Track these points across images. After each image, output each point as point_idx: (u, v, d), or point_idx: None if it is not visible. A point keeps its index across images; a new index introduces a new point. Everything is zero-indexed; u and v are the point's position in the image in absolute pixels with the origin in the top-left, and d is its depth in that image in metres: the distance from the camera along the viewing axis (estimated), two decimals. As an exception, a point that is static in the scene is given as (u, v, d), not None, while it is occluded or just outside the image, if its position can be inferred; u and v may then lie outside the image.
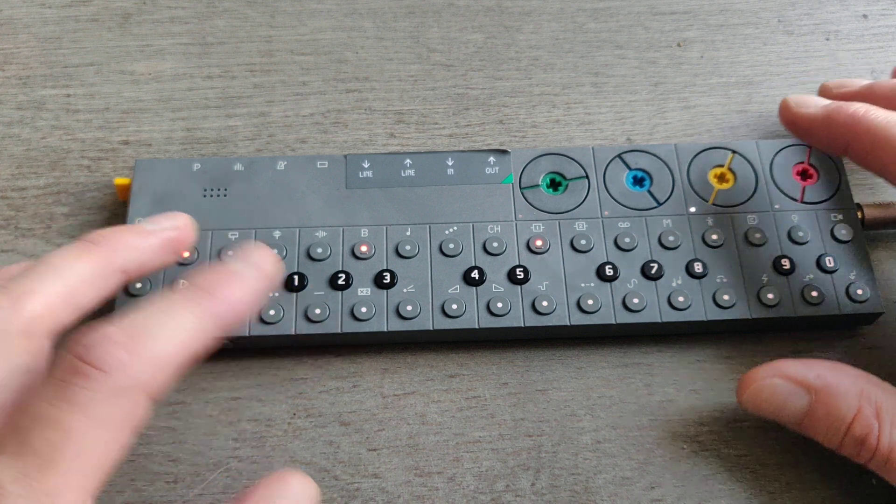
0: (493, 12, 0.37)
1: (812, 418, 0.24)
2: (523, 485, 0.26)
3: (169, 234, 0.24)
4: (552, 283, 0.28)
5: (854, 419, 0.24)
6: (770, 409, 0.25)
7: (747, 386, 0.25)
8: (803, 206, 0.30)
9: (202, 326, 0.20)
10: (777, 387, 0.25)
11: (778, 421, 0.25)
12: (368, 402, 0.28)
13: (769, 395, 0.25)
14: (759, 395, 0.25)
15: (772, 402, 0.25)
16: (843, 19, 0.36)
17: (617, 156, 0.31)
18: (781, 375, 0.25)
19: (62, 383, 0.18)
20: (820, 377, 0.24)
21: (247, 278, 0.22)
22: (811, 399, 0.24)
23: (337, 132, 0.33)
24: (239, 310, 0.21)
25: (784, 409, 0.25)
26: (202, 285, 0.21)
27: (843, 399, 0.24)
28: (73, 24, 0.36)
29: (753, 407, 0.25)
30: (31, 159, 0.32)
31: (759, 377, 0.25)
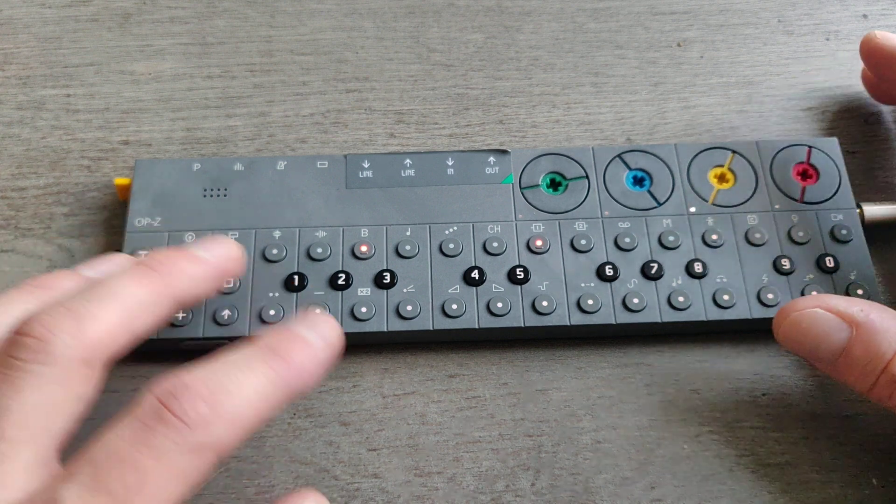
0: (493, 12, 0.37)
1: (849, 355, 0.24)
2: (523, 485, 0.26)
3: (223, 264, 0.24)
4: (552, 283, 0.28)
5: (893, 357, 0.23)
6: (807, 342, 0.24)
7: (786, 315, 0.25)
8: (803, 206, 0.30)
9: (274, 390, 0.21)
10: (818, 317, 0.24)
11: (812, 358, 0.25)
12: (368, 402, 0.28)
13: (809, 324, 0.24)
14: (798, 326, 0.24)
15: (810, 334, 0.24)
16: (843, 19, 0.36)
17: (617, 156, 0.31)
18: (824, 306, 0.24)
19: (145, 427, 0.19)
20: (863, 311, 0.24)
21: (316, 348, 0.22)
22: (851, 333, 0.24)
23: (337, 132, 0.33)
24: (306, 379, 0.21)
25: (823, 342, 0.24)
26: (275, 348, 0.21)
27: (885, 335, 0.23)
28: (73, 24, 0.36)
29: (791, 339, 0.25)
30: (31, 159, 0.32)
31: (801, 306, 0.24)
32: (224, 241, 0.25)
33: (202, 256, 0.24)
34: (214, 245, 0.24)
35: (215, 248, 0.24)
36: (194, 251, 0.24)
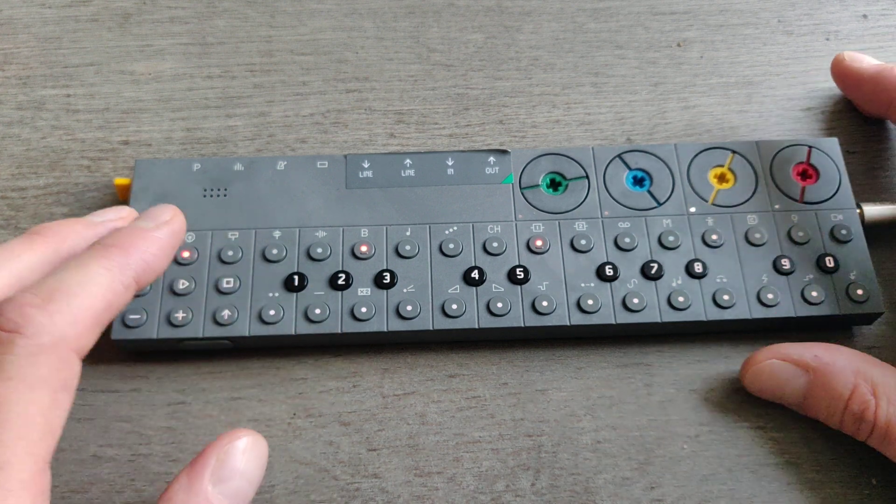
0: (493, 12, 0.37)
1: (812, 397, 0.26)
2: (523, 485, 0.26)
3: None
4: (552, 283, 0.28)
5: (851, 396, 0.25)
6: (771, 390, 0.27)
7: (748, 368, 0.27)
8: (803, 206, 0.30)
9: (116, 280, 0.22)
10: (776, 368, 0.26)
11: (781, 402, 0.27)
12: (368, 402, 0.28)
13: (769, 375, 0.26)
14: (760, 377, 0.27)
15: (772, 383, 0.26)
16: (843, 19, 0.36)
17: (617, 156, 0.31)
18: (779, 357, 0.26)
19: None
20: (816, 357, 0.26)
21: (154, 233, 0.23)
22: (809, 378, 0.26)
23: (337, 132, 0.33)
24: (150, 262, 0.23)
25: (785, 389, 0.26)
26: (112, 243, 0.22)
27: (840, 377, 0.25)
28: (73, 24, 0.36)
29: (756, 388, 0.27)
30: (31, 159, 0.32)
31: (759, 359, 0.27)
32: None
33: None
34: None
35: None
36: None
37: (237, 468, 0.21)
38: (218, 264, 0.28)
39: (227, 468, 0.21)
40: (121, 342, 0.27)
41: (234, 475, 0.21)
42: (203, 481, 0.21)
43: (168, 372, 0.28)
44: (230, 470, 0.21)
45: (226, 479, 0.21)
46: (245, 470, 0.22)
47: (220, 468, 0.21)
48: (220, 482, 0.21)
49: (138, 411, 0.27)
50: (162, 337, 0.27)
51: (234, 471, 0.21)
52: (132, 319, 0.27)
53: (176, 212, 0.25)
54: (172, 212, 0.25)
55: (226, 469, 0.21)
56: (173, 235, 0.24)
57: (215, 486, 0.21)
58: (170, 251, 0.24)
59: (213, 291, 0.28)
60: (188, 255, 0.28)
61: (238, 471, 0.21)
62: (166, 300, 0.28)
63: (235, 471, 0.21)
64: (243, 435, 0.22)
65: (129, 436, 0.27)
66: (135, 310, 0.27)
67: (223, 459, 0.21)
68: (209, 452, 0.21)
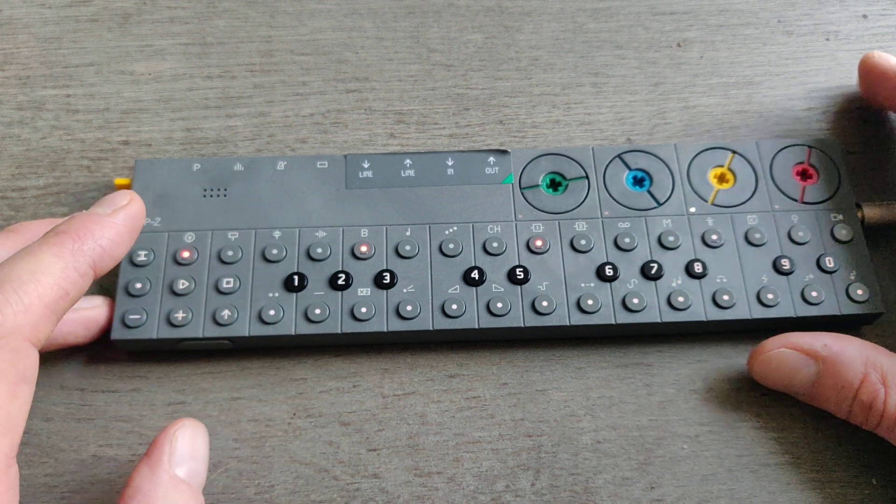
0: (493, 12, 0.37)
1: (821, 387, 0.26)
2: (523, 485, 0.26)
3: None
4: (552, 283, 0.28)
5: (861, 385, 0.25)
6: (780, 379, 0.26)
7: (757, 357, 0.27)
8: (803, 206, 0.30)
9: (70, 267, 0.22)
10: (785, 356, 0.26)
11: (789, 391, 0.27)
12: (368, 402, 0.28)
13: (778, 364, 0.26)
14: (768, 365, 0.26)
15: (781, 372, 0.26)
16: (843, 19, 0.36)
17: (617, 156, 0.31)
18: (789, 346, 0.26)
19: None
20: (826, 346, 0.26)
21: (109, 219, 0.23)
22: (819, 367, 0.26)
23: (337, 132, 0.33)
24: (107, 248, 0.23)
25: (794, 378, 0.26)
26: (65, 230, 0.22)
27: (850, 366, 0.25)
28: (73, 24, 0.36)
29: (764, 377, 0.27)
30: (31, 159, 0.32)
31: (768, 348, 0.26)
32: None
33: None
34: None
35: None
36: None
37: (189, 452, 0.23)
38: (218, 264, 0.28)
39: (180, 453, 0.23)
40: (121, 342, 0.27)
41: (187, 458, 0.23)
42: (164, 466, 0.22)
43: (168, 372, 0.28)
44: (184, 454, 0.23)
45: (182, 463, 0.23)
46: (196, 452, 0.23)
47: (175, 453, 0.23)
48: (178, 466, 0.22)
49: (138, 411, 0.27)
50: (162, 337, 0.27)
51: (186, 454, 0.23)
52: (132, 319, 0.27)
53: (133, 196, 0.25)
54: (129, 196, 0.25)
55: (180, 454, 0.23)
56: (131, 220, 0.24)
57: (175, 469, 0.22)
58: (128, 236, 0.24)
59: (212, 291, 0.28)
60: (188, 255, 0.28)
61: (190, 454, 0.23)
62: (166, 300, 0.28)
63: (188, 454, 0.23)
64: (185, 422, 0.23)
65: (129, 436, 0.27)
66: (135, 310, 0.27)
67: (176, 446, 0.23)
68: (162, 441, 0.23)
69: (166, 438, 0.23)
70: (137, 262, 0.28)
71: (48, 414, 0.27)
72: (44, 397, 0.28)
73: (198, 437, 0.24)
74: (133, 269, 0.28)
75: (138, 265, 0.28)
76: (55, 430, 0.27)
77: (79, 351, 0.28)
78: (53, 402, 0.27)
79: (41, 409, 0.27)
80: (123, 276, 0.28)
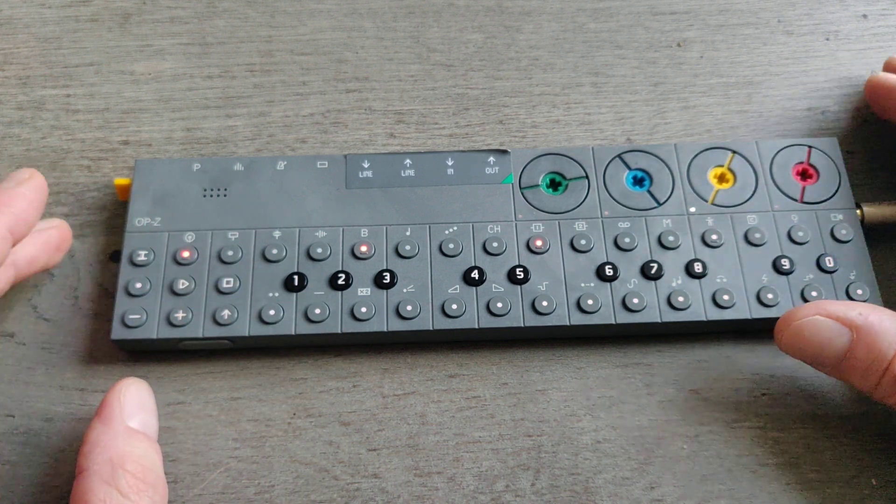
0: (493, 12, 0.37)
1: (852, 358, 0.24)
2: (523, 485, 0.26)
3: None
4: (552, 283, 0.28)
5: (894, 357, 0.24)
6: (811, 349, 0.25)
7: (788, 324, 0.25)
8: (803, 206, 0.30)
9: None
10: (819, 324, 0.25)
11: (816, 362, 0.25)
12: (368, 402, 0.28)
13: (811, 332, 0.25)
14: (800, 333, 0.25)
15: (813, 341, 0.25)
16: (843, 19, 0.36)
17: (617, 156, 0.31)
18: (824, 312, 0.25)
19: None
20: (862, 315, 0.24)
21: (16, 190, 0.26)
22: (853, 337, 0.24)
23: (337, 132, 0.33)
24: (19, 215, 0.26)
25: (826, 347, 0.25)
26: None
27: (885, 337, 0.24)
28: (73, 24, 0.36)
29: (794, 346, 0.25)
30: (31, 159, 0.32)
31: (801, 315, 0.25)
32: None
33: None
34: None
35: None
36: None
37: (138, 404, 0.25)
38: (218, 264, 0.28)
39: (130, 406, 0.24)
40: (121, 342, 0.27)
41: (137, 411, 0.24)
42: (117, 421, 0.24)
43: (168, 372, 0.28)
44: (133, 407, 0.24)
45: (134, 415, 0.24)
46: (144, 404, 0.25)
47: (125, 407, 0.24)
48: (130, 418, 0.24)
49: (138, 411, 0.27)
50: (162, 337, 0.27)
51: (136, 407, 0.24)
52: (132, 319, 0.27)
53: (34, 172, 0.28)
54: (30, 172, 0.28)
55: (129, 407, 0.24)
56: (35, 190, 0.27)
57: (128, 421, 0.24)
58: (38, 205, 0.27)
59: (213, 291, 0.28)
60: (188, 255, 0.28)
61: (139, 406, 0.25)
62: (166, 300, 0.28)
63: (137, 407, 0.25)
64: (130, 379, 0.25)
65: (129, 436, 0.27)
66: (135, 310, 0.27)
67: (125, 401, 0.24)
68: (110, 398, 0.24)
69: (114, 395, 0.24)
70: (137, 262, 0.28)
71: (48, 414, 0.27)
72: (44, 397, 0.28)
73: (143, 391, 0.25)
74: (133, 269, 0.28)
75: (138, 265, 0.28)
76: (55, 430, 0.27)
77: (79, 351, 0.28)
78: (53, 402, 0.27)
79: (41, 409, 0.27)
80: (123, 276, 0.28)
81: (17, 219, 0.26)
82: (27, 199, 0.27)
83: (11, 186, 0.27)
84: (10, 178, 0.27)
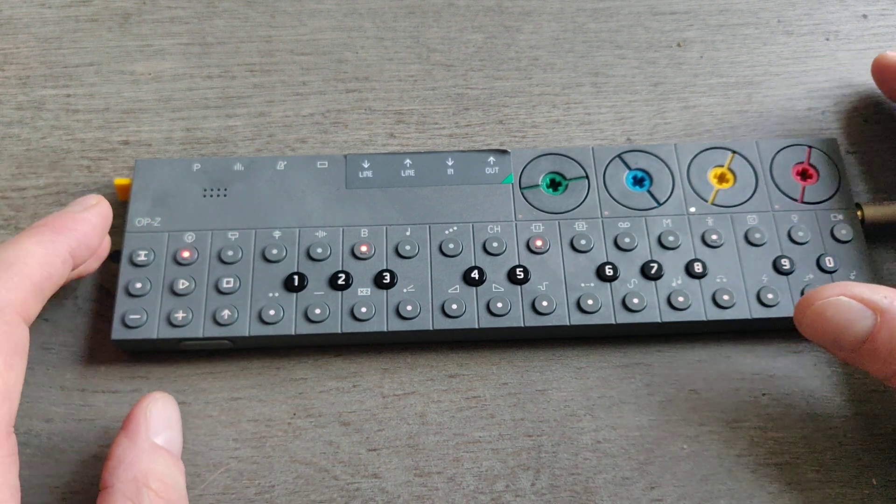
0: (493, 12, 0.37)
1: (873, 342, 0.23)
2: (523, 485, 0.26)
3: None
4: (552, 283, 0.28)
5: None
6: (831, 331, 0.24)
7: (810, 304, 0.24)
8: (803, 206, 0.30)
9: (51, 253, 0.24)
10: (843, 304, 0.24)
11: (835, 345, 0.24)
12: (368, 402, 0.28)
13: (835, 313, 0.24)
14: (823, 314, 0.24)
15: (836, 322, 0.24)
16: (843, 19, 0.36)
17: (617, 156, 0.31)
18: (849, 294, 0.24)
19: None
20: (888, 298, 0.23)
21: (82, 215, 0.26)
22: (876, 320, 0.23)
23: (337, 132, 0.33)
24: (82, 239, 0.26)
25: (847, 329, 0.24)
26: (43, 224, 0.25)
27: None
28: (73, 24, 0.36)
29: (815, 328, 0.24)
30: (31, 159, 0.32)
31: (825, 294, 0.24)
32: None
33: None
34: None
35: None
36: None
37: (164, 421, 0.25)
38: (218, 264, 0.28)
39: (156, 423, 0.24)
40: (121, 342, 0.27)
41: (163, 427, 0.25)
42: (142, 437, 0.24)
43: (168, 372, 0.28)
44: (159, 424, 0.24)
45: (160, 432, 0.24)
46: (170, 421, 0.25)
47: (151, 424, 0.24)
48: (157, 435, 0.24)
49: (138, 411, 0.27)
50: (162, 337, 0.27)
51: (162, 424, 0.25)
52: (132, 319, 0.27)
53: (101, 199, 0.27)
54: (97, 198, 0.27)
55: (155, 424, 0.24)
56: (101, 217, 0.27)
57: (153, 438, 0.24)
58: (101, 230, 0.27)
59: (213, 291, 0.28)
60: (188, 255, 0.28)
61: (166, 423, 0.25)
62: (166, 300, 0.28)
63: (164, 423, 0.25)
64: (157, 395, 0.25)
65: (129, 436, 0.27)
66: (135, 310, 0.27)
67: (151, 417, 0.24)
68: (136, 413, 0.24)
69: (140, 411, 0.24)
70: (137, 262, 0.28)
71: (48, 414, 0.27)
72: (44, 398, 0.28)
73: (170, 407, 0.25)
74: (133, 269, 0.28)
75: (138, 265, 0.28)
76: (55, 430, 0.27)
77: (79, 351, 0.28)
78: (53, 402, 0.27)
79: (41, 410, 0.27)
80: (123, 276, 0.28)
81: (79, 243, 0.26)
82: (91, 224, 0.26)
83: (78, 211, 0.27)
84: (78, 203, 0.27)
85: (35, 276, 0.23)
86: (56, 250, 0.25)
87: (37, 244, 0.24)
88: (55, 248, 0.25)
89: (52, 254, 0.24)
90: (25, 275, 0.23)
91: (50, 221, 0.26)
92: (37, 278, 0.23)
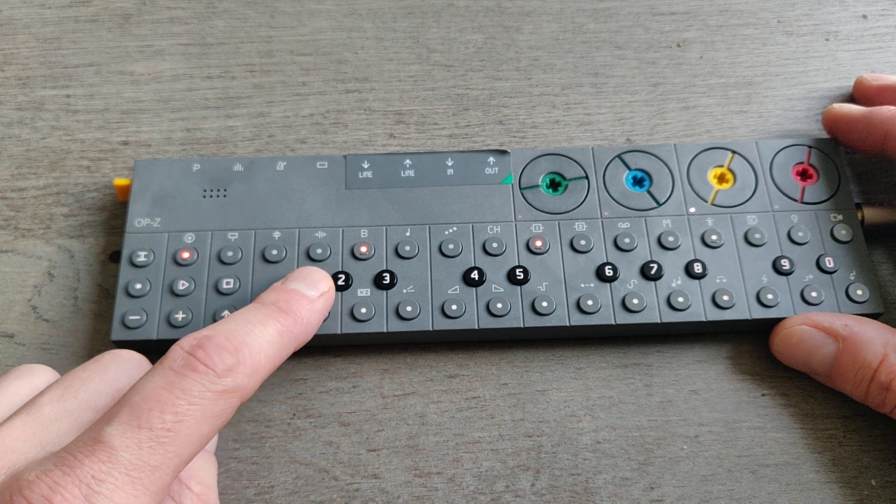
0: (493, 12, 0.37)
1: (839, 366, 0.26)
2: (523, 485, 0.26)
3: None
4: (552, 283, 0.28)
5: (879, 366, 0.25)
6: (799, 356, 0.27)
7: (778, 333, 0.27)
8: (803, 206, 0.30)
9: (286, 344, 0.24)
10: (805, 334, 0.27)
11: (808, 370, 0.27)
12: (368, 403, 0.28)
13: (798, 341, 0.27)
14: (789, 341, 0.27)
15: (801, 349, 0.27)
16: (843, 20, 0.36)
17: (617, 156, 0.31)
18: (810, 323, 0.27)
19: (178, 375, 0.20)
20: (847, 326, 0.26)
21: (315, 302, 0.25)
22: (839, 346, 0.26)
23: (337, 132, 0.33)
24: (309, 330, 0.25)
25: (813, 355, 0.26)
26: (286, 309, 0.24)
27: (869, 347, 0.25)
28: (72, 25, 0.36)
29: (784, 354, 0.27)
30: (31, 160, 0.32)
31: (789, 325, 0.27)
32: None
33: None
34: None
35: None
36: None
37: None
38: (218, 265, 0.28)
39: None
40: (121, 343, 0.27)
41: None
42: None
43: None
44: None
45: None
46: None
47: None
48: None
49: (138, 412, 0.27)
50: (162, 338, 0.27)
51: None
52: (132, 320, 0.27)
53: (331, 283, 0.27)
54: (329, 283, 0.27)
55: None
56: (327, 306, 0.26)
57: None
58: (322, 319, 0.26)
59: (212, 292, 0.28)
60: (188, 256, 0.28)
61: None
62: (166, 301, 0.28)
63: None
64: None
65: (129, 436, 0.27)
66: (135, 311, 0.27)
67: None
68: None
69: None
70: (137, 263, 0.28)
71: (48, 414, 0.27)
72: (44, 398, 0.27)
73: None
74: (133, 270, 0.28)
75: (138, 266, 0.28)
76: (55, 430, 0.27)
77: (79, 352, 0.28)
78: (53, 402, 0.27)
79: (41, 410, 0.27)
80: (123, 277, 0.28)
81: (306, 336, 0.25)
82: (322, 316, 0.26)
83: (313, 296, 0.25)
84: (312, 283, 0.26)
85: (269, 366, 0.23)
86: (290, 341, 0.24)
87: (279, 335, 0.23)
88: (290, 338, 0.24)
89: (288, 348, 0.24)
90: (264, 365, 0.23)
91: (293, 308, 0.24)
92: (269, 368, 0.23)
